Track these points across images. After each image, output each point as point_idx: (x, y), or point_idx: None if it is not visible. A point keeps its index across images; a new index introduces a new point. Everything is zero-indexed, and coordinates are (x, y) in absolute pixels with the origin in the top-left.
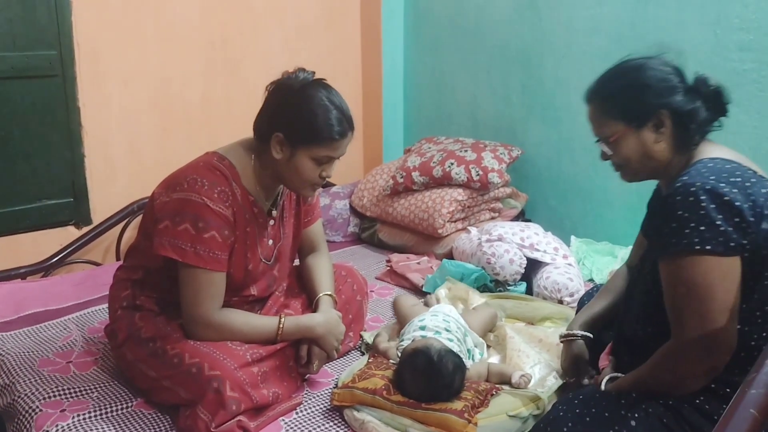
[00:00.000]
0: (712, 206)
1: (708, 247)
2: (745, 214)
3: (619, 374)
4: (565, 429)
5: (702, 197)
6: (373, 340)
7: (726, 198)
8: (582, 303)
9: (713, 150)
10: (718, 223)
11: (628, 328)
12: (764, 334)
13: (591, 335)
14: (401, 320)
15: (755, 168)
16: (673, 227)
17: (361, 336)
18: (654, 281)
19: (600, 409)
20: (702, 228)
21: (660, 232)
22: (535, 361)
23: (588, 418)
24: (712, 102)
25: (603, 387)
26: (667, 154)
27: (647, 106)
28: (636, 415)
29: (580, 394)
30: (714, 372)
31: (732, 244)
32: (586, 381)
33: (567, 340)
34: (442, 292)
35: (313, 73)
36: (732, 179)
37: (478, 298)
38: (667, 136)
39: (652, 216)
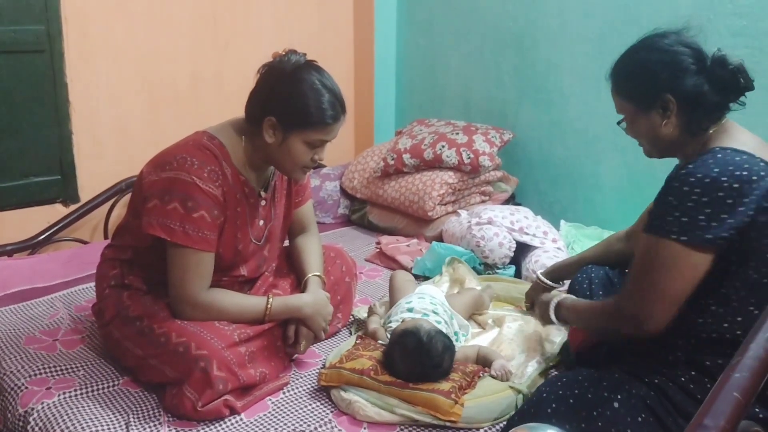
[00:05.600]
0: (704, 200)
1: (683, 239)
2: (737, 211)
3: (570, 296)
4: (549, 410)
5: (696, 189)
6: (367, 316)
7: (720, 194)
8: (572, 285)
9: (731, 136)
10: (701, 217)
11: None
12: (738, 319)
13: (546, 280)
14: (393, 295)
15: None
16: (661, 210)
17: (351, 315)
18: None
19: (583, 391)
20: (684, 219)
21: (654, 207)
22: (522, 348)
23: (571, 400)
24: (727, 85)
25: (552, 309)
26: (677, 136)
27: (652, 90)
28: (619, 397)
29: (563, 377)
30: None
31: (709, 237)
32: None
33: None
34: (445, 277)
35: (305, 54)
36: (737, 173)
37: (473, 282)
38: (674, 119)
39: None
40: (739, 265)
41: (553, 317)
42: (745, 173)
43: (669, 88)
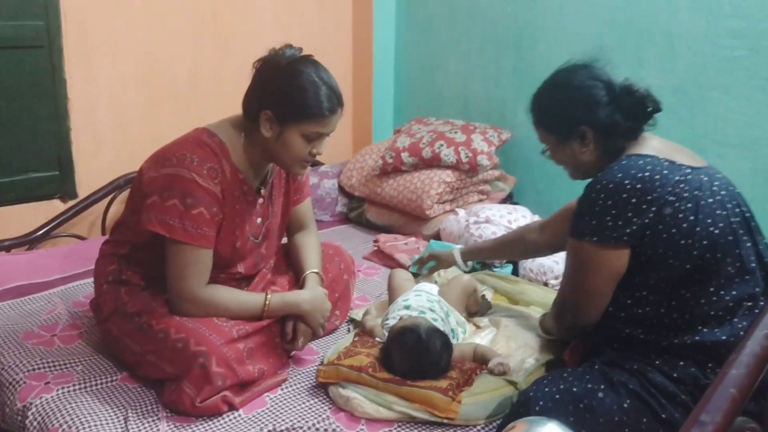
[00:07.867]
0: (609, 203)
1: (594, 239)
2: (642, 209)
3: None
4: (537, 408)
5: (601, 194)
6: (362, 317)
7: (624, 196)
8: None
9: (641, 145)
10: (608, 218)
11: None
12: (673, 303)
13: (460, 261)
14: (391, 294)
15: (679, 157)
16: (576, 214)
17: (349, 315)
18: None
19: (567, 386)
20: (594, 222)
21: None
22: (520, 345)
23: (558, 396)
24: (635, 111)
25: (538, 322)
26: (595, 160)
27: (569, 124)
28: (602, 387)
29: (549, 375)
30: (580, 328)
31: (615, 235)
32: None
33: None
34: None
35: (301, 49)
36: (639, 174)
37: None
38: (591, 146)
39: None
40: (658, 256)
41: (539, 329)
42: (647, 174)
43: (585, 121)
